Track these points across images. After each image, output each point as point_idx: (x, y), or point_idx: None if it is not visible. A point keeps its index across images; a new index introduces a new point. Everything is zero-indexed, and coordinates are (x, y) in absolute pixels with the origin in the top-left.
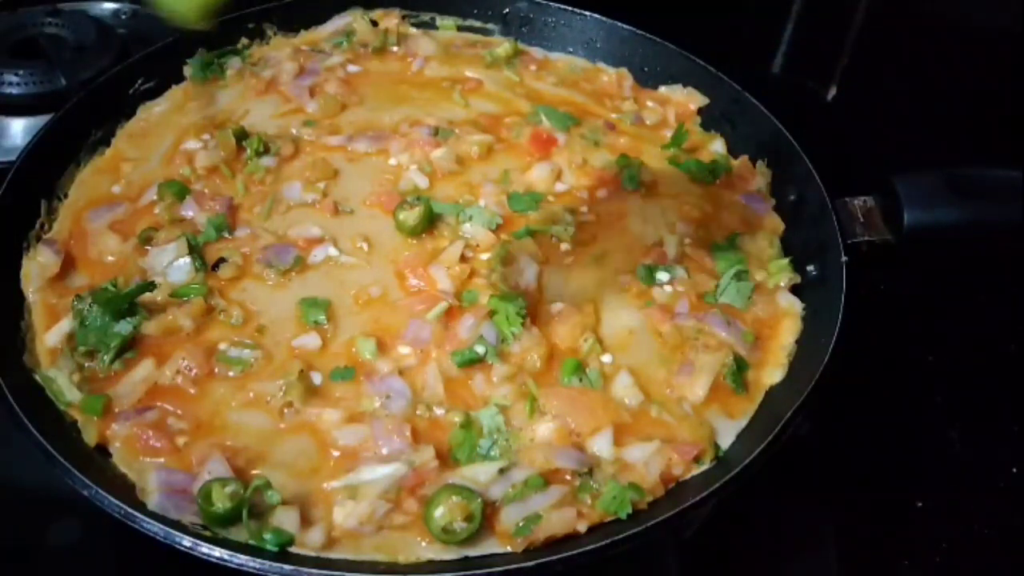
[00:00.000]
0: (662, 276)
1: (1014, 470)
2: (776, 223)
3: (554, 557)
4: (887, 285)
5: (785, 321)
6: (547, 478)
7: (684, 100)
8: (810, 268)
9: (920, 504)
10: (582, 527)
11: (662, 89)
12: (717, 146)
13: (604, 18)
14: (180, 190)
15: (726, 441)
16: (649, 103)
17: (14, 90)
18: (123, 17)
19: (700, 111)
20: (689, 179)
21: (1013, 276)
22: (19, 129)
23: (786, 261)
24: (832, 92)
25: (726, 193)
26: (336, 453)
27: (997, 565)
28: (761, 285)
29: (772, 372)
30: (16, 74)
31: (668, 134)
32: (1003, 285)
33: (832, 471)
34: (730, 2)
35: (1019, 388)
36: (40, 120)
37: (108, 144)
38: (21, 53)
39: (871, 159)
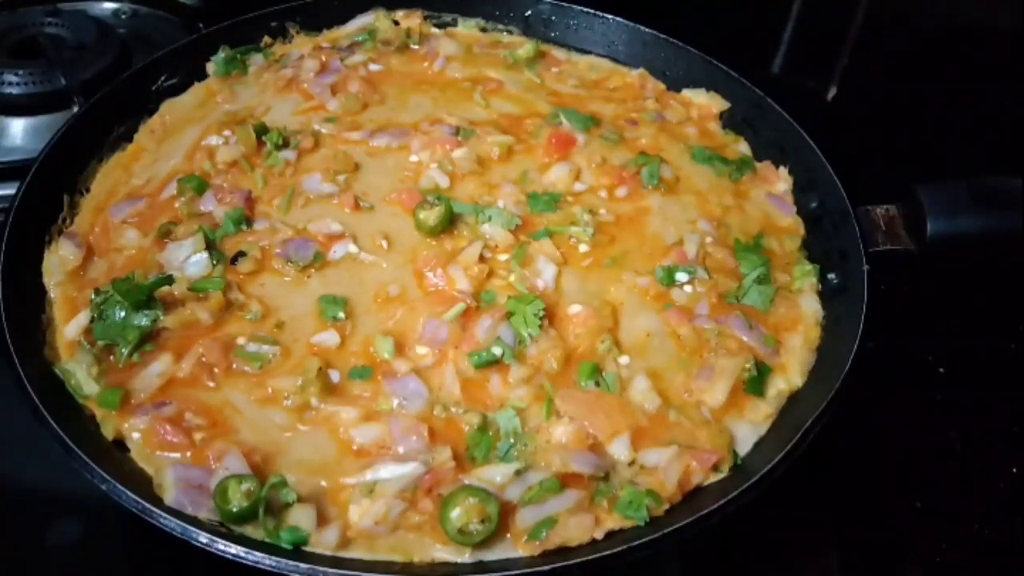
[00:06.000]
0: (681, 276)
1: (1014, 470)
2: (800, 227)
3: (571, 561)
4: (886, 286)
5: (807, 327)
6: (563, 481)
7: (706, 104)
8: (831, 276)
9: (920, 504)
10: (599, 534)
11: (685, 92)
12: (742, 147)
13: (626, 21)
14: (199, 185)
15: (744, 448)
16: (672, 103)
17: (14, 90)
18: (123, 17)
19: (721, 115)
20: (713, 174)
21: (1012, 276)
22: (19, 129)
23: (811, 267)
24: (832, 92)
25: (751, 191)
26: (353, 451)
27: (997, 565)
28: (784, 288)
29: (792, 379)
30: (16, 74)
31: (691, 131)
32: (1002, 285)
33: (832, 471)
34: (730, 2)
35: (1019, 388)
36: (40, 120)
37: (130, 140)
38: (21, 53)
39: (870, 158)
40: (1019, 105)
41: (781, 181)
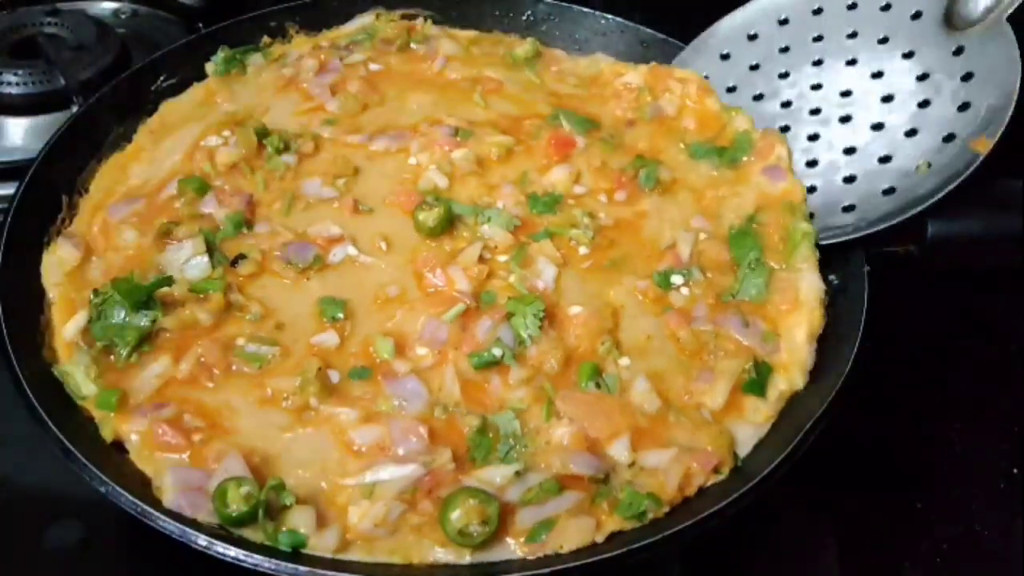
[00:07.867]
0: (677, 279)
1: (1014, 470)
2: (797, 190)
3: (570, 564)
4: (887, 287)
5: (809, 311)
6: (563, 483)
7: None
8: (832, 277)
9: (920, 504)
10: (600, 537)
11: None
12: (740, 122)
13: (626, 21)
14: (200, 186)
15: (744, 450)
16: (670, 83)
17: (13, 90)
18: (123, 17)
19: None
20: (712, 168)
21: (1012, 276)
22: (18, 129)
23: (808, 227)
24: None
25: (750, 172)
26: (353, 452)
27: (997, 565)
28: (780, 269)
29: (793, 379)
30: (15, 74)
31: (689, 124)
32: (1002, 285)
33: (832, 471)
34: (730, 3)
35: (1019, 388)
36: (39, 120)
37: (129, 140)
38: (20, 53)
39: None
40: (1019, 105)
41: (778, 148)
